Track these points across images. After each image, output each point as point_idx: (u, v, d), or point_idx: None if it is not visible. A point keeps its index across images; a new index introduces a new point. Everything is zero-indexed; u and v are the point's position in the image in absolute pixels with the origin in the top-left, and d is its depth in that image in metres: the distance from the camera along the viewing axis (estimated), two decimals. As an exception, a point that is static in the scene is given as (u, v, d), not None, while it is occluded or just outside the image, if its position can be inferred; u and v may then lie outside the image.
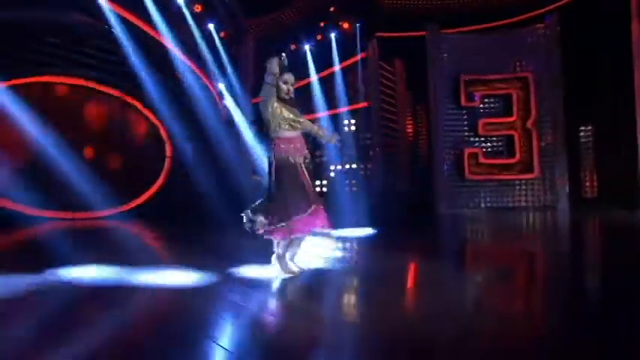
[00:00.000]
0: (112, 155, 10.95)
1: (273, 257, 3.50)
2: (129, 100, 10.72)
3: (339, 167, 13.24)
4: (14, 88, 9.03)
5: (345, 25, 12.95)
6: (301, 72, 12.78)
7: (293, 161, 3.40)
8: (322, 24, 12.90)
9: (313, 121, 4.27)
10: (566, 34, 11.07)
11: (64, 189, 8.92)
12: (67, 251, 4.90)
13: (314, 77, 12.86)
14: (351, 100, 13.02)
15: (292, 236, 3.35)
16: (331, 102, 13.01)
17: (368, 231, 7.15)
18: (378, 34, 12.80)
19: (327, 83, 12.97)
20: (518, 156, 11.49)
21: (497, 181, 11.75)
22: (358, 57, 12.87)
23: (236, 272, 3.73)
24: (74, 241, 6.35)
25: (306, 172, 3.48)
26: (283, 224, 3.23)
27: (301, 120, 3.51)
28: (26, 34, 9.26)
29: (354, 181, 13.10)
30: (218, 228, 7.50)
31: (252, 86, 12.59)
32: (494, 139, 11.93)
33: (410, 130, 14.30)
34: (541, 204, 11.41)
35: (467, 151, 11.76)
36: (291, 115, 3.40)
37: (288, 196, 3.28)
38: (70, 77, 10.13)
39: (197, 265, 3.94)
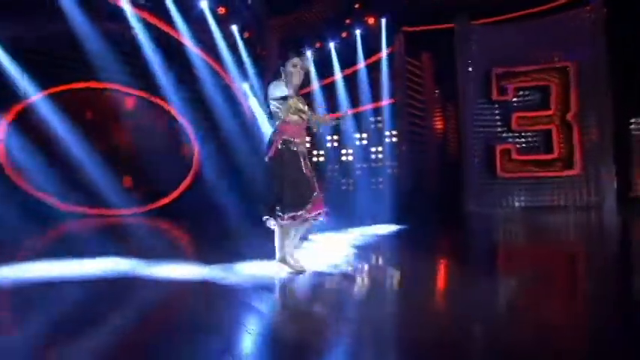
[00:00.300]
0: (143, 155, 10.67)
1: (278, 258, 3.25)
2: (157, 101, 10.35)
3: (364, 165, 12.31)
4: (55, 94, 8.99)
5: (371, 21, 11.94)
6: (326, 70, 11.99)
7: (296, 149, 3.16)
8: (348, 21, 11.97)
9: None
10: (613, 17, 9.50)
11: (97, 187, 8.87)
12: (95, 245, 5.03)
13: (339, 75, 11.97)
14: (376, 98, 12.03)
15: (309, 218, 3.15)
16: (356, 99, 12.08)
17: (391, 229, 6.55)
18: (404, 28, 11.72)
19: (352, 81, 12.04)
20: (556, 152, 10.06)
21: (533, 178, 10.38)
22: (384, 53, 11.84)
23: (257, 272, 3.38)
24: (103, 237, 6.40)
25: (307, 162, 3.26)
26: (302, 211, 3.06)
27: (308, 112, 3.33)
28: (66, 43, 9.03)
29: (380, 179, 12.12)
30: (241, 226, 7.02)
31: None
32: (528, 134, 10.55)
33: (439, 127, 13.08)
34: (583, 203, 9.90)
35: (499, 147, 10.47)
36: (300, 105, 3.21)
37: (297, 184, 3.09)
38: (104, 82, 9.87)
39: (213, 261, 3.66)
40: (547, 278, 3.31)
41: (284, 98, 3.09)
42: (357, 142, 12.29)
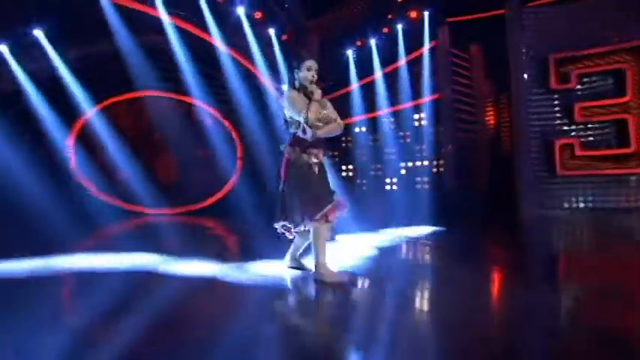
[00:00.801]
0: (193, 158, 10.39)
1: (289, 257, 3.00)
2: (203, 105, 9.92)
3: (409, 164, 10.83)
4: (115, 105, 9.00)
5: (413, 14, 10.43)
6: (367, 68, 10.73)
7: (311, 160, 2.75)
8: (389, 16, 10.57)
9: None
10: None
11: (149, 188, 8.74)
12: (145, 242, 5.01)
13: (380, 73, 10.63)
14: (419, 94, 10.50)
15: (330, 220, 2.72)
16: (400, 96, 10.65)
17: (427, 230, 5.67)
18: (450, 19, 10.04)
19: (395, 77, 10.64)
20: (634, 145, 7.83)
21: (601, 176, 8.22)
22: (428, 47, 10.26)
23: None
24: (154, 234, 6.45)
25: (324, 169, 2.82)
26: (320, 214, 2.65)
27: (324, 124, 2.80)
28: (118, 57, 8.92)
29: (425, 179, 10.58)
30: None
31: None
32: (596, 126, 8.38)
33: (491, 122, 11.13)
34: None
35: (558, 142, 8.45)
36: (319, 115, 2.74)
37: (315, 190, 2.71)
38: (155, 90, 9.66)
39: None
40: (622, 294, 2.39)
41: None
42: (400, 141, 10.85)
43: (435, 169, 10.39)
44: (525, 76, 8.74)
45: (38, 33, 6.79)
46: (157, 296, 2.59)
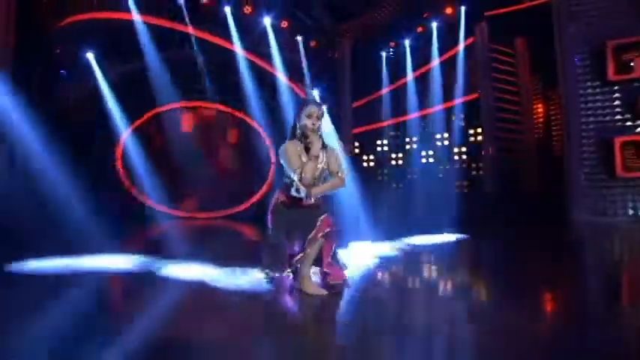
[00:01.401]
0: (231, 163, 10.55)
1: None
2: (241, 115, 10.03)
3: (447, 167, 10.09)
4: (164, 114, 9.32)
5: (449, 11, 9.75)
6: (402, 69, 10.21)
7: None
8: (425, 15, 9.98)
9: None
10: None
11: (190, 192, 9.14)
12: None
13: (415, 73, 10.06)
14: (457, 93, 9.75)
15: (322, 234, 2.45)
16: (435, 97, 9.98)
17: (450, 238, 5.13)
18: (488, 13, 9.23)
19: (430, 77, 10.01)
20: None
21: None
22: (464, 44, 9.51)
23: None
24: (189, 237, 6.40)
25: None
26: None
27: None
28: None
29: (465, 182, 9.77)
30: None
31: (351, 88, 10.61)
32: (666, 120, 7.13)
33: (540, 120, 10.03)
34: None
35: (619, 140, 7.31)
36: (316, 174, 2.43)
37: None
38: (196, 101, 9.96)
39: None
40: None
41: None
42: (439, 143, 10.15)
43: (474, 172, 9.55)
44: (578, 67, 7.71)
45: (90, 55, 7.30)
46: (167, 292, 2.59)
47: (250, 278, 2.74)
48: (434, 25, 9.61)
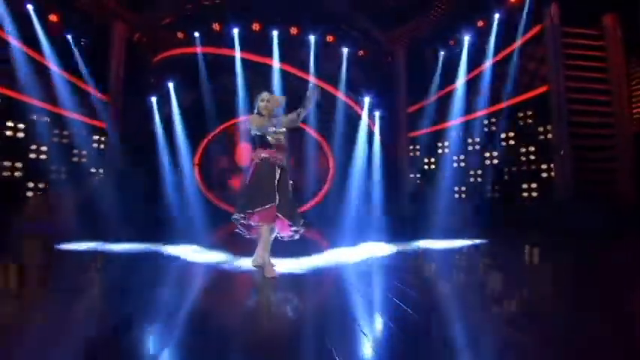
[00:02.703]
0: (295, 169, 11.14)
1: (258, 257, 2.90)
2: (303, 126, 10.54)
3: (513, 169, 8.83)
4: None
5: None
6: (463, 68, 9.34)
7: (274, 164, 2.87)
8: (485, 7, 8.95)
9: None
10: None
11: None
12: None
13: (476, 70, 9.08)
14: (526, 87, 8.45)
15: (253, 224, 2.84)
16: (501, 93, 8.83)
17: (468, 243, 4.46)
18: (561, -7, 7.76)
19: (493, 74, 8.90)
20: None
21: None
22: (531, 32, 8.19)
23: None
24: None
25: (283, 179, 2.89)
26: (249, 211, 2.78)
27: (281, 129, 2.95)
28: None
29: (533, 185, 8.42)
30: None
31: (406, 92, 10.18)
32: None
33: (636, 110, 7.98)
34: None
35: None
36: (275, 129, 2.92)
37: (254, 190, 2.83)
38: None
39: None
40: None
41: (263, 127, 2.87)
42: (503, 143, 8.98)
43: (544, 174, 8.17)
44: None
45: (170, 85, 8.82)
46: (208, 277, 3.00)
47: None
48: (496, 16, 8.53)
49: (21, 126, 7.31)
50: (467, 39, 9.06)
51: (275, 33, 8.41)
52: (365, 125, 9.64)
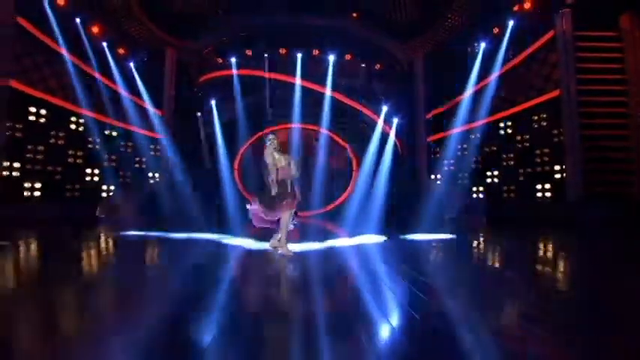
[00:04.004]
0: (323, 173, 11.91)
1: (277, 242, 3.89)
2: (330, 133, 11.24)
3: (528, 170, 9.01)
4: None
5: (527, 5, 8.72)
6: (478, 73, 9.64)
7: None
8: (500, 13, 9.18)
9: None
10: None
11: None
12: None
13: (492, 75, 9.34)
14: (540, 91, 8.61)
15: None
16: (516, 97, 9.05)
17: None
18: (571, -1, 7.85)
19: (506, 78, 9.14)
20: None
21: None
22: (544, 38, 8.34)
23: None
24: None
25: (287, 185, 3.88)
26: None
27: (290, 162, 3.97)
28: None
29: (547, 186, 8.57)
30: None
31: (425, 99, 10.64)
32: None
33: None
34: None
35: None
36: (279, 162, 3.91)
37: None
38: (304, 124, 11.66)
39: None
40: None
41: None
42: (519, 145, 9.19)
43: (558, 175, 8.32)
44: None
45: (213, 102, 10.13)
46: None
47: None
48: (510, 23, 8.79)
49: (98, 140, 8.95)
50: (482, 45, 9.35)
51: (299, 55, 9.34)
52: (384, 131, 10.25)
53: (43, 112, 8.21)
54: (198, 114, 10.09)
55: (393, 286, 2.52)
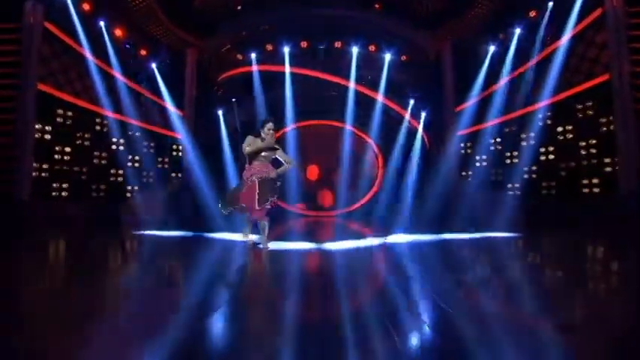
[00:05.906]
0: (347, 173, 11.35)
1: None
2: (356, 130, 10.72)
3: (572, 164, 8.11)
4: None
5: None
6: (512, 62, 8.84)
7: (259, 177, 3.73)
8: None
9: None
10: None
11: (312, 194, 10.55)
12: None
13: (528, 63, 8.51)
14: (586, 76, 7.71)
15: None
16: (557, 85, 8.16)
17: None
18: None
19: (545, 66, 8.26)
20: None
21: None
22: (591, 17, 7.46)
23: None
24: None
25: (257, 186, 3.66)
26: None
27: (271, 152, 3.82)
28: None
29: (595, 181, 7.66)
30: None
31: (454, 91, 9.90)
32: None
33: None
34: None
35: None
36: (265, 152, 3.76)
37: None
38: (327, 120, 11.14)
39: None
40: None
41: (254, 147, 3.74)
42: (560, 137, 8.30)
43: (608, 168, 7.40)
44: None
45: (234, 103, 9.82)
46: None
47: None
48: (549, 4, 7.95)
49: (122, 141, 8.88)
50: (517, 31, 8.54)
51: (321, 48, 8.89)
52: (411, 127, 9.65)
53: (69, 113, 8.23)
54: (219, 112, 9.85)
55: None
